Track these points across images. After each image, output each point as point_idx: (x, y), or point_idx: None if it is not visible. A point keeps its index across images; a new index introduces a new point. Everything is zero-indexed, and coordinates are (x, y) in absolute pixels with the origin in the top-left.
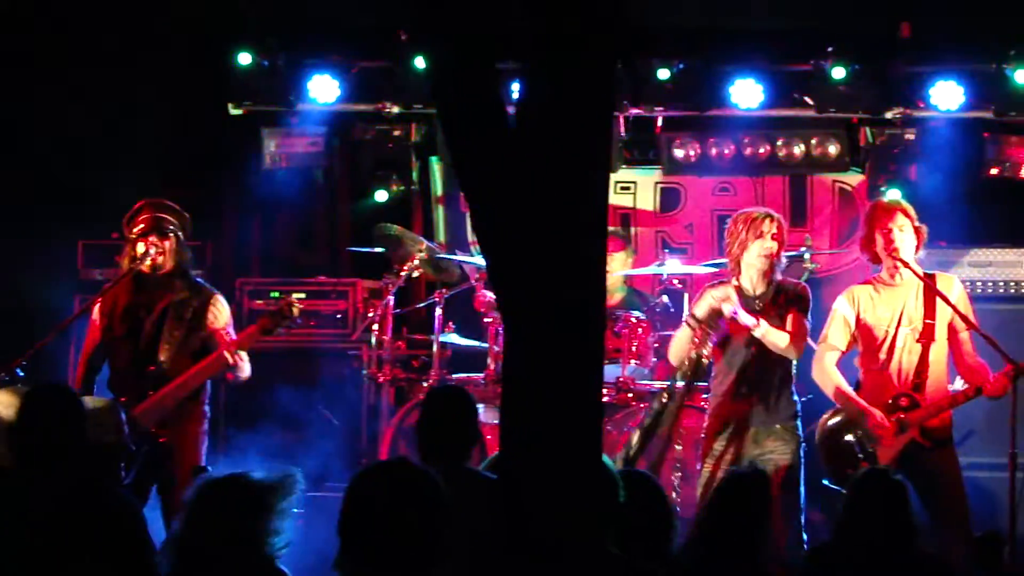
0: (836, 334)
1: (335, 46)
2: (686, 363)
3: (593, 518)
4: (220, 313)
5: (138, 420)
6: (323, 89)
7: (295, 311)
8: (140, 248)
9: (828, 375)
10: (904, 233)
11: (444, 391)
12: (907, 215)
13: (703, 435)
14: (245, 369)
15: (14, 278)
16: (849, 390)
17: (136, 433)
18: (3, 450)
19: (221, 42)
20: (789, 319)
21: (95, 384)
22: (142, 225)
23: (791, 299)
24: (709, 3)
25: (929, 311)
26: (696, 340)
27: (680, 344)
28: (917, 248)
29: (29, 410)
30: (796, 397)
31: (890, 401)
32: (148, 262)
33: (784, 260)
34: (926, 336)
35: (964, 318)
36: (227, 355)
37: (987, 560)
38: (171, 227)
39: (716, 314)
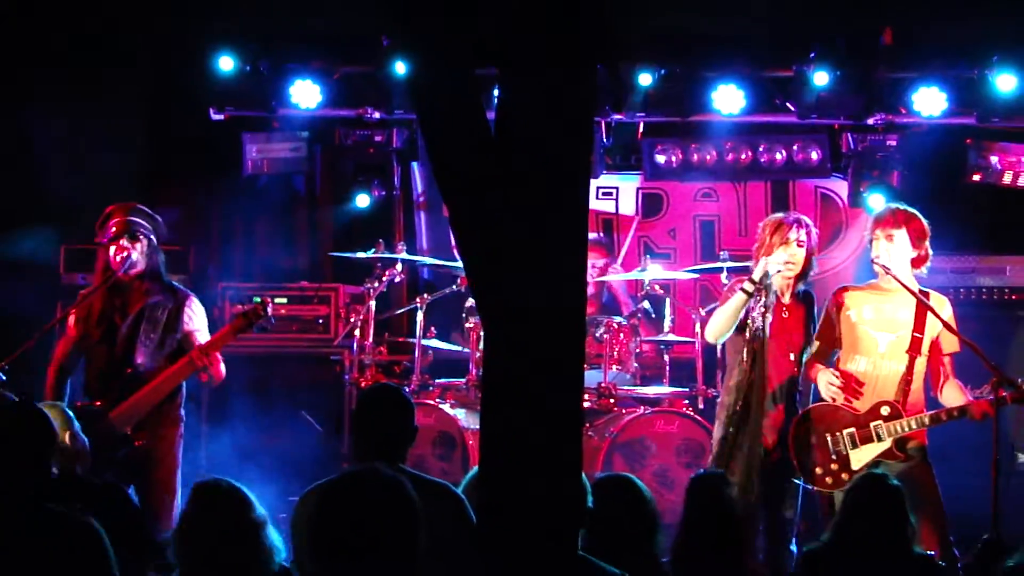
0: (824, 331)
1: (317, 52)
2: (732, 331)
3: (570, 523)
4: (195, 314)
5: (114, 423)
6: (305, 94)
7: (268, 311)
8: (112, 251)
9: (813, 366)
10: (892, 244)
11: (378, 389)
12: (904, 226)
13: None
14: (219, 371)
15: None
16: (819, 364)
17: (113, 436)
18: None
19: (203, 47)
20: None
21: (67, 388)
22: (113, 229)
23: (805, 303)
24: (691, 9)
25: (919, 324)
26: (753, 304)
27: (728, 313)
28: (918, 263)
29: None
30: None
31: (871, 408)
32: (121, 265)
33: (815, 266)
34: (914, 348)
35: (953, 331)
36: (196, 358)
37: (987, 568)
38: (142, 230)
39: (767, 275)
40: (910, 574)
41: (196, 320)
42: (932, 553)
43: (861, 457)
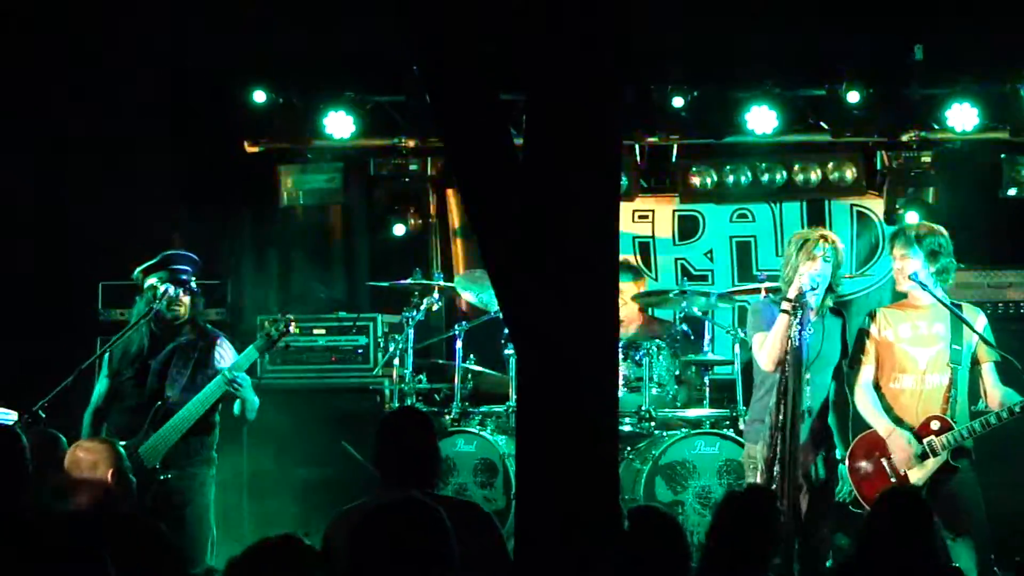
0: (864, 353)
1: (350, 82)
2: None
3: (605, 544)
4: (225, 353)
5: (142, 458)
6: (338, 125)
7: (292, 328)
8: (160, 289)
9: (863, 394)
10: (904, 262)
11: (400, 414)
12: (916, 244)
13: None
14: (250, 398)
15: (35, 320)
16: (880, 412)
17: (141, 472)
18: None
19: (236, 79)
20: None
21: (103, 431)
22: (164, 274)
23: (835, 319)
24: (722, 31)
25: (956, 335)
26: (791, 322)
27: (779, 337)
28: (940, 275)
29: None
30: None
31: (921, 424)
32: (168, 309)
33: (843, 282)
34: (954, 360)
35: (988, 343)
36: (224, 377)
37: None
38: (190, 281)
39: (803, 292)
40: None
41: (227, 358)
42: (958, 567)
43: (919, 475)
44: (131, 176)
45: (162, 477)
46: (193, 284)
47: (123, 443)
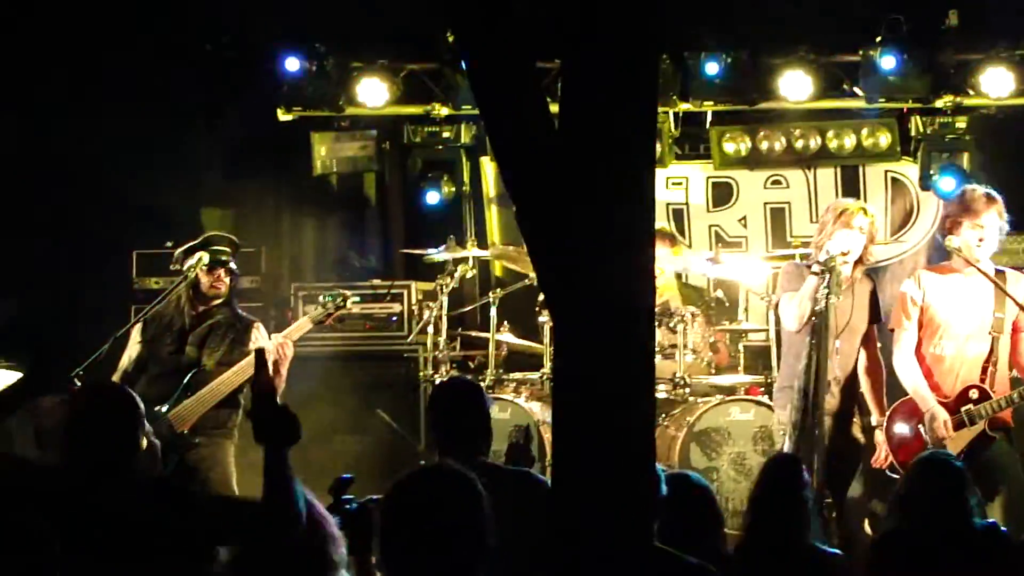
0: (908, 318)
1: (383, 49)
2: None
3: (643, 513)
4: (261, 336)
5: (172, 423)
6: (372, 92)
7: (348, 304)
8: (204, 281)
9: (906, 363)
10: (984, 228)
11: (452, 384)
12: (992, 207)
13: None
14: (282, 373)
15: (69, 288)
16: (923, 387)
17: (171, 437)
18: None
19: (269, 48)
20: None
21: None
22: (203, 256)
23: (864, 288)
24: None
25: (999, 303)
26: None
27: (806, 299)
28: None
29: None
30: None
31: (959, 393)
32: (206, 275)
33: (873, 255)
34: (996, 328)
35: None
36: (279, 343)
37: None
38: (230, 263)
39: (833, 257)
40: (975, 547)
41: (262, 340)
42: (993, 521)
43: (956, 443)
44: (166, 145)
45: (190, 443)
46: (232, 265)
47: (153, 411)
